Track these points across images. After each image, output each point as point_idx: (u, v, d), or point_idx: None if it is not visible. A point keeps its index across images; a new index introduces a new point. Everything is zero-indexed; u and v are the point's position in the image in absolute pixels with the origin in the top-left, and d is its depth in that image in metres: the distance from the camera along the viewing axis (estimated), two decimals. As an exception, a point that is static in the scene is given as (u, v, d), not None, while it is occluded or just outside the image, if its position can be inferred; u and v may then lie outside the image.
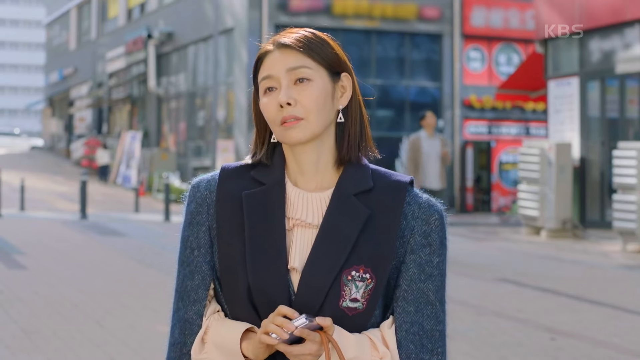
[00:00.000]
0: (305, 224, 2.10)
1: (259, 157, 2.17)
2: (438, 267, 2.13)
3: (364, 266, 2.06)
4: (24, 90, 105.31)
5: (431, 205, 2.16)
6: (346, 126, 2.15)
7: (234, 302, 2.11)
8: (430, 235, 2.13)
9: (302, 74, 2.08)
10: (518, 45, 28.69)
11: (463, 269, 12.77)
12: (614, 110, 19.23)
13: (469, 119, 28.07)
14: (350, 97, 2.15)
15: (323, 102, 2.09)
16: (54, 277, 11.65)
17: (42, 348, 7.74)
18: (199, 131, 32.00)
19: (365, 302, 2.06)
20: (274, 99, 2.09)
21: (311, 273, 2.05)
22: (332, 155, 2.15)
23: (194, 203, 2.17)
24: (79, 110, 49.02)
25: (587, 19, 18.91)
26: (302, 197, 2.12)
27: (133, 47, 37.48)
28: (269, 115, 2.10)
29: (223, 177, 2.17)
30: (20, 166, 41.28)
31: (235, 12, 27.81)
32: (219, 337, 2.09)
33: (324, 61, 2.11)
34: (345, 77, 2.15)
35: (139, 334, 8.45)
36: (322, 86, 2.09)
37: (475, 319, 9.52)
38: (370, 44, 27.75)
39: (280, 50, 2.11)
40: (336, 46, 2.16)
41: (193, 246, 2.15)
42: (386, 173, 2.19)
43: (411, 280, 2.11)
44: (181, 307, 2.16)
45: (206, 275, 2.14)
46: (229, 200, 2.13)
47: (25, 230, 17.77)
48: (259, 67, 2.14)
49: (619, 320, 9.69)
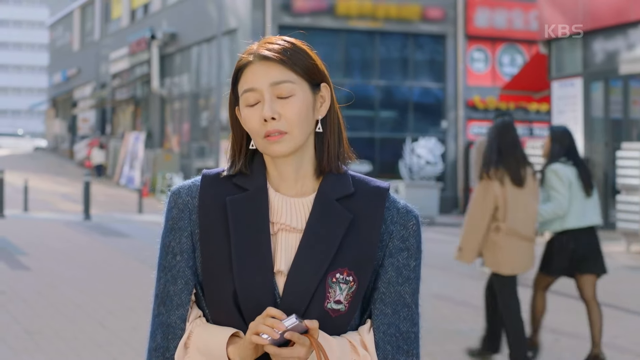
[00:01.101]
0: (289, 228, 2.13)
1: (238, 167, 2.18)
2: (414, 271, 2.18)
3: (347, 269, 2.09)
4: (27, 91, 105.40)
5: (409, 211, 2.20)
6: (325, 136, 2.17)
7: (218, 307, 2.12)
8: (408, 239, 2.17)
9: (285, 88, 2.09)
10: (521, 46, 28.67)
11: (465, 269, 12.75)
12: (618, 111, 19.21)
13: (473, 119, 28.06)
14: (328, 107, 2.17)
15: (305, 115, 2.11)
16: (57, 278, 11.65)
17: (45, 349, 7.74)
18: (203, 132, 32.01)
19: (347, 304, 2.09)
20: (257, 111, 2.10)
21: (297, 276, 2.07)
22: (312, 164, 2.18)
23: (175, 209, 2.19)
24: (83, 111, 49.06)
25: (591, 19, 18.89)
26: (285, 202, 2.15)
27: (136, 48, 37.49)
28: (252, 127, 2.11)
29: (205, 183, 2.18)
30: (23, 167, 41.31)
31: (238, 13, 27.82)
32: (202, 342, 2.10)
33: (305, 73, 2.12)
34: (324, 87, 2.16)
35: (142, 334, 8.44)
36: (304, 99, 2.11)
37: (478, 320, 9.50)
38: (373, 44, 27.75)
39: (262, 63, 2.11)
40: (315, 56, 2.17)
41: (175, 251, 2.17)
42: (365, 179, 2.22)
43: (389, 283, 2.15)
44: (163, 312, 2.16)
45: (189, 279, 2.15)
46: (212, 206, 2.15)
47: (29, 231, 17.77)
48: (239, 77, 2.15)
49: (623, 321, 9.68)
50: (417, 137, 27.56)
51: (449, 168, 27.84)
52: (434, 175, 27.48)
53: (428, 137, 27.82)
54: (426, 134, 27.88)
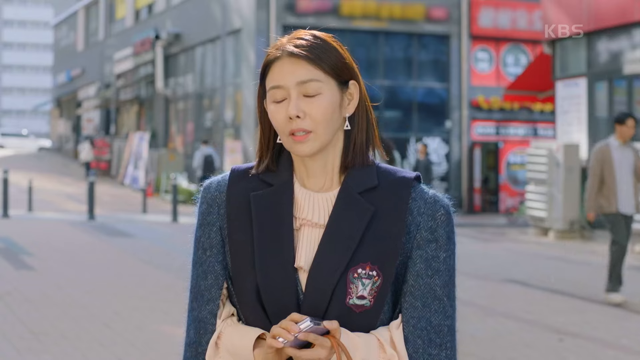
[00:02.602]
0: (312, 223, 2.12)
1: (265, 164, 2.18)
2: (445, 263, 2.13)
3: (370, 263, 2.07)
4: (31, 91, 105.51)
5: (437, 201, 2.15)
6: (352, 133, 2.16)
7: (244, 303, 2.12)
8: (437, 230, 2.13)
9: (312, 87, 2.08)
10: (526, 46, 28.65)
11: (471, 269, 12.75)
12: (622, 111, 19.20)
13: (477, 119, 28.05)
14: (357, 104, 2.16)
15: (331, 114, 2.10)
16: (62, 278, 11.66)
17: (50, 349, 7.75)
18: (207, 132, 32.02)
19: (372, 300, 2.07)
20: (283, 108, 2.09)
21: (318, 272, 2.06)
22: (340, 160, 2.16)
23: (205, 204, 2.20)
24: (87, 111, 49.09)
25: (595, 19, 18.88)
26: (309, 198, 2.14)
27: (141, 48, 37.52)
28: (278, 124, 2.10)
29: (233, 178, 2.19)
30: (28, 167, 41.35)
31: (242, 13, 27.82)
32: (232, 344, 2.11)
33: (333, 71, 2.10)
34: (352, 84, 2.15)
35: (147, 335, 8.46)
36: (330, 98, 2.10)
37: (483, 320, 9.51)
38: (377, 44, 27.74)
39: (290, 59, 2.10)
40: (345, 52, 2.15)
41: (205, 246, 2.17)
42: (392, 170, 2.19)
43: (418, 275, 2.11)
44: (195, 307, 2.18)
45: (219, 274, 2.16)
46: (238, 200, 2.15)
47: (33, 231, 17.79)
48: (267, 72, 2.14)
49: (627, 321, 9.68)
50: (422, 137, 27.56)
51: (453, 168, 27.83)
52: (438, 175, 27.48)
53: (432, 137, 27.82)
54: (430, 134, 27.88)
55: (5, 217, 20.67)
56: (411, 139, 27.53)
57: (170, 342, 8.18)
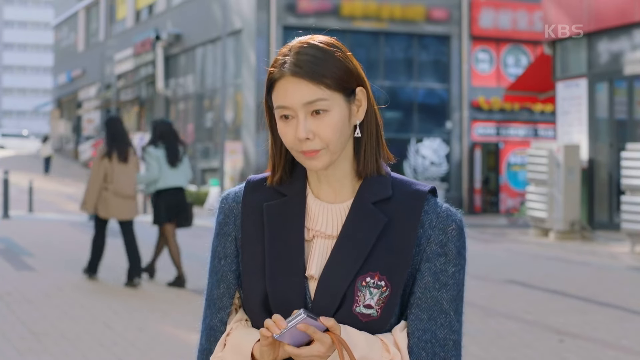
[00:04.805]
0: (325, 235, 2.12)
1: (278, 176, 2.18)
2: (453, 277, 2.12)
3: (379, 273, 2.07)
4: (32, 92, 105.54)
5: (449, 215, 2.16)
6: (362, 140, 2.15)
7: (250, 309, 2.14)
8: (447, 244, 2.13)
9: (318, 105, 2.06)
10: (526, 47, 28.66)
11: (471, 270, 12.73)
12: (622, 112, 19.19)
13: (477, 120, 28.06)
14: (365, 109, 2.14)
15: (340, 128, 2.08)
16: (62, 279, 11.66)
17: (50, 349, 7.75)
18: (207, 133, 32.03)
19: (379, 310, 2.07)
20: (292, 128, 2.07)
21: (327, 279, 2.07)
22: (352, 167, 2.16)
23: (222, 214, 2.22)
24: (87, 111, 49.11)
25: (595, 20, 18.88)
26: (323, 209, 2.14)
27: (141, 48, 37.53)
28: (287, 143, 2.09)
29: (248, 188, 2.21)
30: (28, 168, 41.35)
31: (243, 14, 27.83)
32: (236, 341, 2.13)
33: (338, 85, 2.07)
34: (360, 91, 2.12)
35: (147, 335, 8.45)
36: (339, 113, 2.08)
37: (484, 321, 9.51)
38: (378, 45, 27.75)
39: (293, 79, 2.06)
40: (348, 58, 2.12)
41: (220, 256, 2.20)
42: (407, 182, 2.18)
43: (425, 288, 2.11)
44: (208, 315, 2.21)
45: (231, 283, 2.18)
46: (252, 211, 2.17)
47: (34, 231, 17.79)
48: (271, 88, 2.11)
49: (628, 322, 9.68)
50: (422, 137, 27.56)
51: (454, 169, 27.83)
52: (439, 175, 27.49)
53: (433, 137, 27.82)
54: (431, 134, 27.88)
55: (6, 217, 20.68)
56: (412, 140, 27.53)
57: (171, 342, 8.18)
